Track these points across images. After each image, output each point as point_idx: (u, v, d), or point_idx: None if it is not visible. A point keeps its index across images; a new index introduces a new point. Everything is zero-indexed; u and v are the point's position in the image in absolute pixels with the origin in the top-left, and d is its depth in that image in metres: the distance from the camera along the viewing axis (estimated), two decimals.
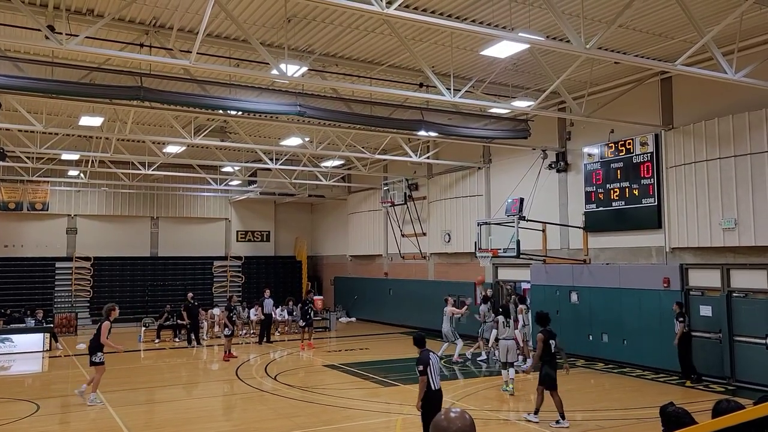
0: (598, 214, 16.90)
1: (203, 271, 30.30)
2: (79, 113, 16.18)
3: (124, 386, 14.51)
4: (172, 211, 29.92)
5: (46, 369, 17.83)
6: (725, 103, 13.88)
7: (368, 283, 27.92)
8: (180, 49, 11.79)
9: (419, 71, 14.52)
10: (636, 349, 15.60)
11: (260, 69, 13.33)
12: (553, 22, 11.32)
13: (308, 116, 14.29)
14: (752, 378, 13.30)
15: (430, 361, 8.47)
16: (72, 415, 12.27)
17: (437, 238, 23.20)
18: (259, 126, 19.96)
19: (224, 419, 11.80)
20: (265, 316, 22.03)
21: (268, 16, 11.79)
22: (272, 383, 14.55)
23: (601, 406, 12.05)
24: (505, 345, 13.74)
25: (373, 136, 20.17)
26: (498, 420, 11.28)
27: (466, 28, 9.87)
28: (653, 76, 15.26)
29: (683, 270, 14.86)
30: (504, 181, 20.19)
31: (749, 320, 13.49)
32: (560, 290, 17.73)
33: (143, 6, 11.18)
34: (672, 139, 15.06)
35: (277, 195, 29.88)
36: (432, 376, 8.41)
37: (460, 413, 2.75)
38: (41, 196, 27.00)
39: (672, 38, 12.87)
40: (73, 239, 28.14)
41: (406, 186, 24.65)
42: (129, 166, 23.33)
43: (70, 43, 9.38)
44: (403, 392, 13.50)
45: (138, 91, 12.19)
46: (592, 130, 16.98)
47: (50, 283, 27.21)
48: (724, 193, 13.68)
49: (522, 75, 15.41)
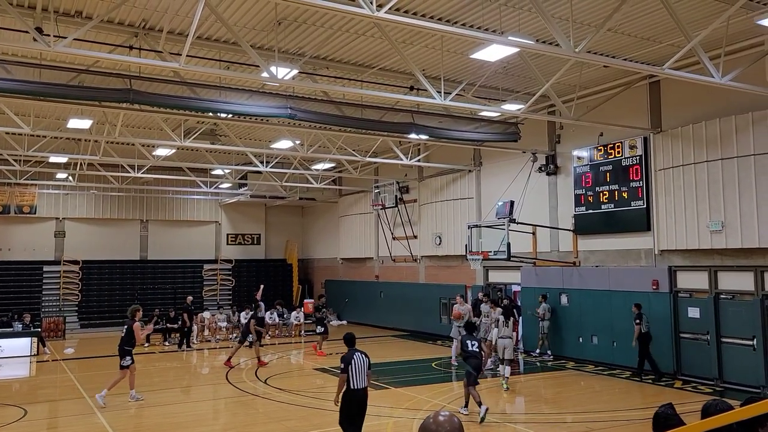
0: (588, 216, 16.99)
1: (193, 275, 30.13)
2: (68, 116, 16.10)
3: (113, 390, 14.39)
4: (162, 214, 29.79)
5: (34, 374, 17.67)
6: (712, 106, 14.00)
7: (359, 286, 27.90)
8: (170, 51, 11.73)
9: (410, 74, 14.55)
10: (625, 351, 15.66)
11: (251, 72, 13.32)
12: (543, 26, 11.39)
13: (299, 119, 14.30)
14: (739, 379, 13.40)
15: (353, 360, 8.70)
16: (60, 420, 12.17)
17: (428, 241, 23.23)
18: (249, 129, 19.93)
19: (214, 423, 11.75)
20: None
21: (258, 18, 11.78)
22: (263, 387, 14.50)
23: (590, 408, 12.10)
24: (503, 344, 14.27)
25: (364, 139, 20.19)
26: (488, 422, 11.29)
27: (456, 32, 9.90)
28: (642, 80, 15.37)
29: (672, 272, 14.96)
30: (494, 183, 20.26)
31: (736, 322, 13.59)
32: (550, 292, 17.79)
33: (132, 8, 11.13)
34: (660, 142, 15.17)
35: (268, 198, 29.82)
36: (354, 375, 8.63)
37: (448, 416, 2.75)
38: (29, 199, 26.79)
39: (660, 42, 12.98)
40: (62, 242, 27.94)
41: (396, 189, 24.68)
42: (118, 168, 23.22)
43: (58, 45, 9.33)
44: (393, 395, 13.50)
45: (127, 93, 12.14)
46: (582, 133, 17.08)
47: (38, 287, 26.97)
48: (712, 196, 13.80)
49: (512, 78, 15.47)
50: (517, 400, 13.59)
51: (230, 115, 15.02)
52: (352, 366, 8.68)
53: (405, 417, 11.56)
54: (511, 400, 13.56)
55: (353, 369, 8.68)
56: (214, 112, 14.52)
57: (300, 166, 23.90)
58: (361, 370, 8.73)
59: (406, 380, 15.05)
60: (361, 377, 8.72)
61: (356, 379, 8.67)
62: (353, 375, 8.66)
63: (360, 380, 8.70)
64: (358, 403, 8.66)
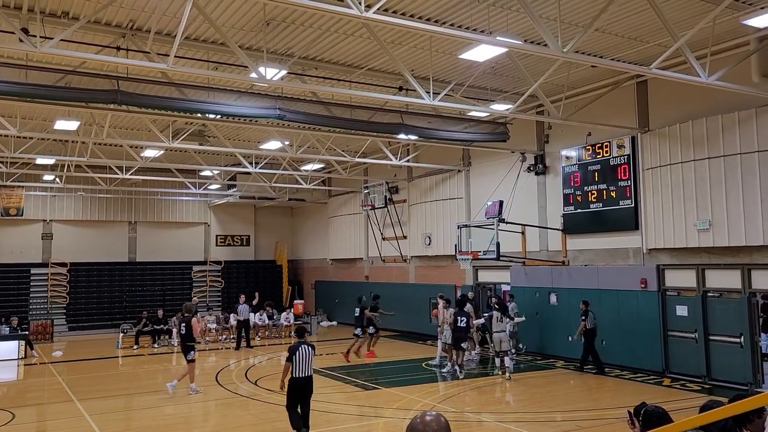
0: (577, 216, 17.07)
1: (182, 277, 29.97)
2: (55, 117, 15.97)
3: (102, 393, 14.32)
4: (151, 216, 29.62)
5: (22, 377, 17.52)
6: (699, 106, 14.11)
7: (349, 287, 27.85)
8: (157, 52, 11.67)
9: (399, 75, 14.55)
10: (614, 349, 15.77)
11: (239, 72, 13.28)
12: (531, 26, 11.44)
13: (288, 120, 14.26)
14: (727, 376, 13.51)
15: (297, 351, 9.80)
16: (48, 423, 12.09)
17: (418, 241, 23.25)
18: (238, 129, 19.86)
19: (204, 425, 11.71)
20: (242, 321, 21.73)
21: (246, 19, 11.74)
22: (253, 388, 14.45)
23: (580, 407, 12.16)
24: (498, 337, 15.41)
25: (353, 140, 20.18)
26: (479, 422, 11.33)
27: (444, 32, 9.93)
28: (629, 80, 15.47)
29: (660, 271, 15.06)
30: (484, 183, 20.31)
31: (724, 320, 13.70)
32: (539, 292, 17.87)
33: (119, 9, 11.06)
34: (648, 141, 15.27)
35: (257, 199, 29.72)
36: (297, 364, 9.77)
37: (435, 416, 2.77)
38: (15, 201, 26.52)
39: (647, 42, 13.07)
40: (49, 245, 27.71)
41: (386, 189, 24.67)
42: (106, 170, 23.08)
43: (44, 46, 9.26)
44: (384, 395, 13.51)
45: (115, 94, 12.05)
46: (570, 132, 17.16)
47: (25, 290, 26.72)
48: (699, 195, 13.91)
49: (500, 78, 15.53)
50: (507, 399, 13.64)
51: (219, 116, 14.96)
52: (297, 356, 9.77)
53: (395, 417, 11.56)
54: (502, 399, 13.61)
55: (297, 359, 9.77)
56: (203, 113, 14.46)
57: (289, 166, 23.84)
58: (304, 360, 9.81)
59: (396, 380, 15.05)
60: (305, 367, 9.83)
61: (299, 368, 9.80)
62: (297, 364, 9.78)
63: (303, 369, 9.82)
64: (301, 389, 9.85)
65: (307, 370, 9.88)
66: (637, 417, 4.50)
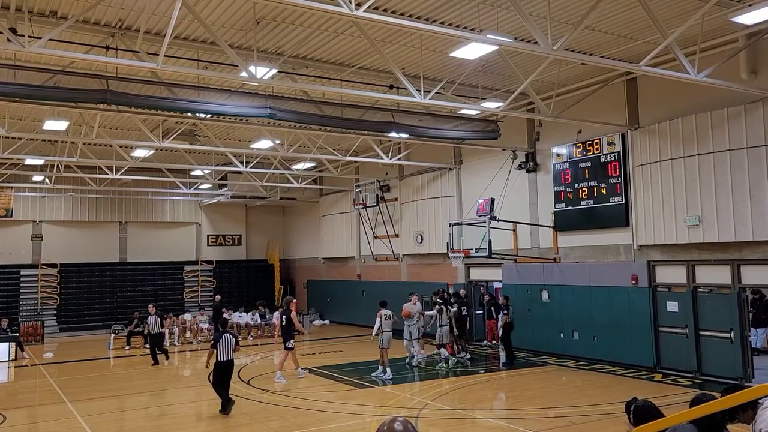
0: (568, 213, 17.13)
1: (174, 277, 29.86)
2: (44, 117, 15.86)
3: (94, 394, 14.25)
4: (141, 216, 29.48)
5: (12, 379, 17.41)
6: (689, 102, 14.19)
7: (341, 286, 27.86)
8: (147, 51, 11.60)
9: (389, 73, 14.55)
10: (606, 345, 15.85)
11: (229, 71, 13.22)
12: (522, 24, 11.46)
13: (279, 119, 14.24)
14: (718, 371, 13.61)
15: (221, 339, 12.04)
16: (39, 425, 12.01)
17: (409, 240, 23.26)
18: (229, 129, 19.79)
19: (197, 425, 11.67)
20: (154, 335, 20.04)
21: (236, 18, 11.70)
22: (246, 388, 14.42)
23: (573, 403, 12.21)
24: (440, 330, 16.71)
25: (345, 138, 20.16)
26: (472, 420, 11.36)
27: (435, 30, 9.93)
28: (619, 77, 15.53)
29: (650, 267, 15.14)
30: (475, 181, 20.34)
31: (714, 315, 13.80)
32: (531, 289, 17.93)
33: (108, 8, 10.99)
34: (638, 138, 15.34)
35: (248, 198, 29.65)
36: (221, 350, 11.97)
37: (402, 421, 2.81)
38: (5, 203, 26.32)
39: (636, 40, 13.13)
40: (39, 246, 27.53)
41: (377, 188, 24.67)
42: (96, 170, 22.94)
43: (33, 46, 9.19)
44: (377, 394, 13.51)
45: (104, 94, 11.99)
46: (561, 130, 17.21)
47: (15, 291, 26.54)
48: (689, 191, 13.98)
49: (491, 76, 15.55)
50: (499, 396, 13.68)
51: (209, 115, 14.91)
52: (220, 344, 12.00)
53: (389, 415, 11.55)
54: (494, 396, 13.65)
55: (221, 346, 11.98)
56: (193, 112, 14.40)
57: (280, 165, 23.79)
58: (227, 347, 12.03)
59: (389, 378, 15.04)
60: (227, 352, 12.02)
61: (223, 353, 12.00)
62: (221, 350, 11.97)
63: (225, 354, 12.02)
64: (223, 371, 12.02)
65: (229, 354, 12.08)
66: (628, 412, 4.53)
